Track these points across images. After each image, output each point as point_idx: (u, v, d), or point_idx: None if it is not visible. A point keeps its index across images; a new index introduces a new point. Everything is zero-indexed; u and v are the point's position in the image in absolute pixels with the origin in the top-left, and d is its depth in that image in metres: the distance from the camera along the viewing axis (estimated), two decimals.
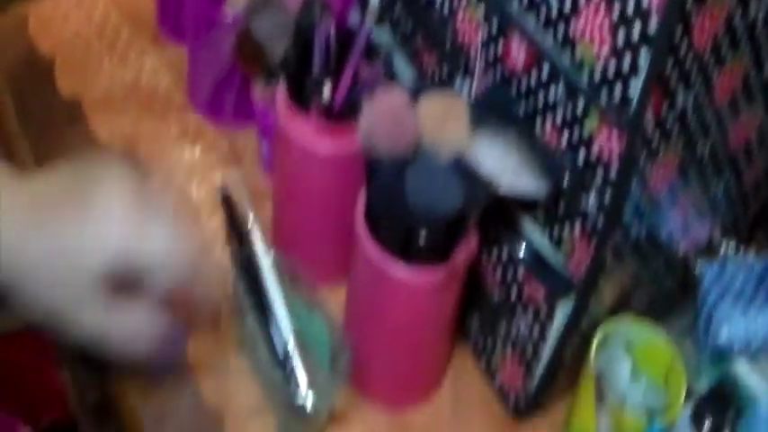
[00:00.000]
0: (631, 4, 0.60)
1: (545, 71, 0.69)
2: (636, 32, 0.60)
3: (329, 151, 0.81)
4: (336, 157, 0.82)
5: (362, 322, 0.83)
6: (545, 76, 0.69)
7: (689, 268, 0.84)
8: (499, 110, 0.72)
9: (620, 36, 0.61)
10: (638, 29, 0.60)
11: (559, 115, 0.69)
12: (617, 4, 0.61)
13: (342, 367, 0.78)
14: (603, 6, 0.62)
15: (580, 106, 0.67)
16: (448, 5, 0.78)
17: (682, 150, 0.69)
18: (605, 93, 0.64)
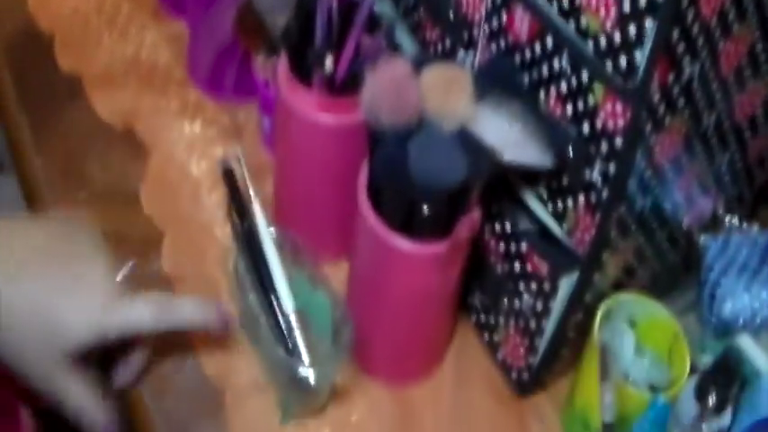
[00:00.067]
0: None
1: (549, 42, 0.69)
2: (642, 1, 0.60)
3: (331, 124, 0.81)
4: (338, 130, 0.81)
5: (365, 297, 0.82)
6: (549, 46, 0.69)
7: (693, 243, 0.83)
8: (503, 81, 0.72)
9: (626, 4, 0.61)
10: None
11: (564, 86, 0.69)
12: None
13: (344, 343, 0.78)
14: None
15: (585, 77, 0.66)
16: None
17: (687, 122, 0.68)
18: (610, 63, 0.64)
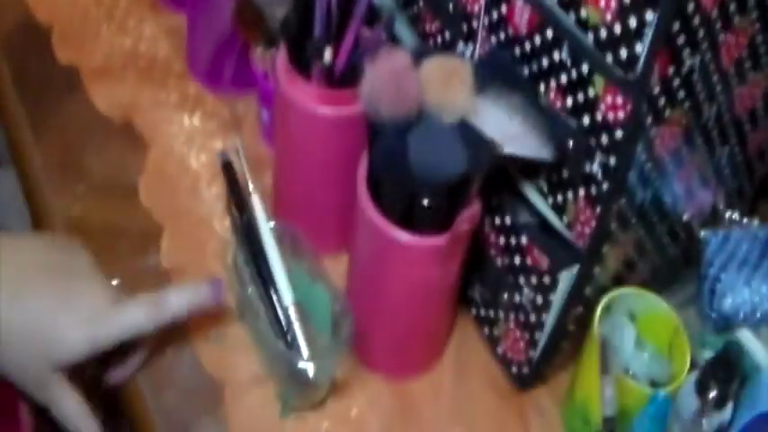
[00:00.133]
0: None
1: (549, 34, 0.68)
2: None
3: (330, 116, 0.81)
4: (338, 123, 0.81)
5: (364, 290, 0.82)
6: (549, 38, 0.68)
7: (693, 236, 0.83)
8: (503, 73, 0.71)
9: None
10: None
11: (564, 78, 0.68)
12: None
13: (343, 336, 0.78)
14: None
15: (585, 69, 0.66)
16: None
17: (687, 114, 0.68)
18: (611, 55, 0.63)
